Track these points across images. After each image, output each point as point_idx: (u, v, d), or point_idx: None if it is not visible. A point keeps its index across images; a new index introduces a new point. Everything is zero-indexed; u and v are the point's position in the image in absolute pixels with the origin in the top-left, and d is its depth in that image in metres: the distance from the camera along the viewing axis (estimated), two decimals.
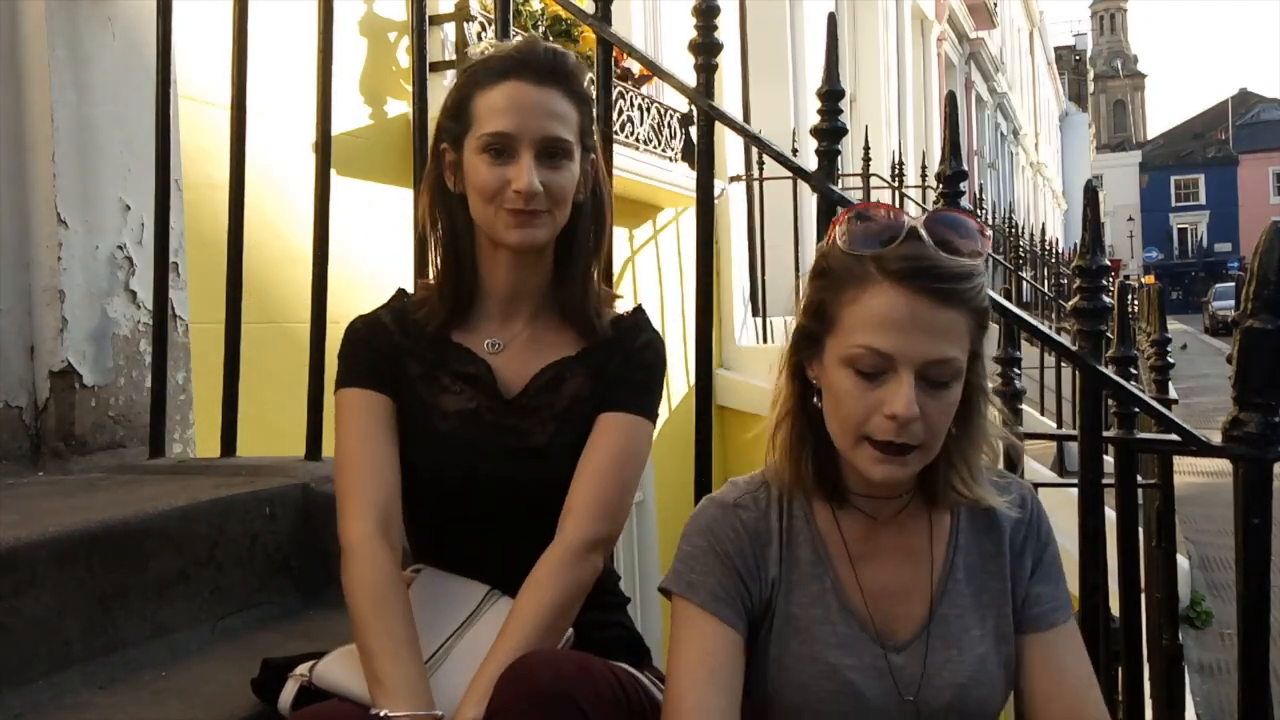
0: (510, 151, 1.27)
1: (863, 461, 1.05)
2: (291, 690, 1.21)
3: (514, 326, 1.36)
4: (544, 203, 1.28)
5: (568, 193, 1.31)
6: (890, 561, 1.13)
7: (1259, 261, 1.30)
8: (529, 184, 1.25)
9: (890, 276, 1.02)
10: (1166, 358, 2.37)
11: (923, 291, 1.01)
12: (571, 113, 1.31)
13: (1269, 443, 1.31)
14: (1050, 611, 1.14)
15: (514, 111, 1.27)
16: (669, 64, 1.99)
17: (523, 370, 1.34)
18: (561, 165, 1.29)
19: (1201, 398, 11.08)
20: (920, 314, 1.01)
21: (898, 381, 1.01)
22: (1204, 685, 4.15)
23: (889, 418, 1.01)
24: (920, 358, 1.01)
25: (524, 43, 1.32)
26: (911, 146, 10.43)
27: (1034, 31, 26.54)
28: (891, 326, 1.01)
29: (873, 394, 1.02)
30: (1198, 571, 5.73)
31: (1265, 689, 1.35)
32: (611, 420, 1.31)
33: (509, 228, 1.28)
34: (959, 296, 1.02)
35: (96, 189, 1.99)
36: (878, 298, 1.02)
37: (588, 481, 1.27)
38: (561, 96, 1.30)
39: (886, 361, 1.02)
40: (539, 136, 1.27)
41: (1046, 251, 9.31)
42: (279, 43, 2.52)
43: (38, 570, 1.34)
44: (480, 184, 1.28)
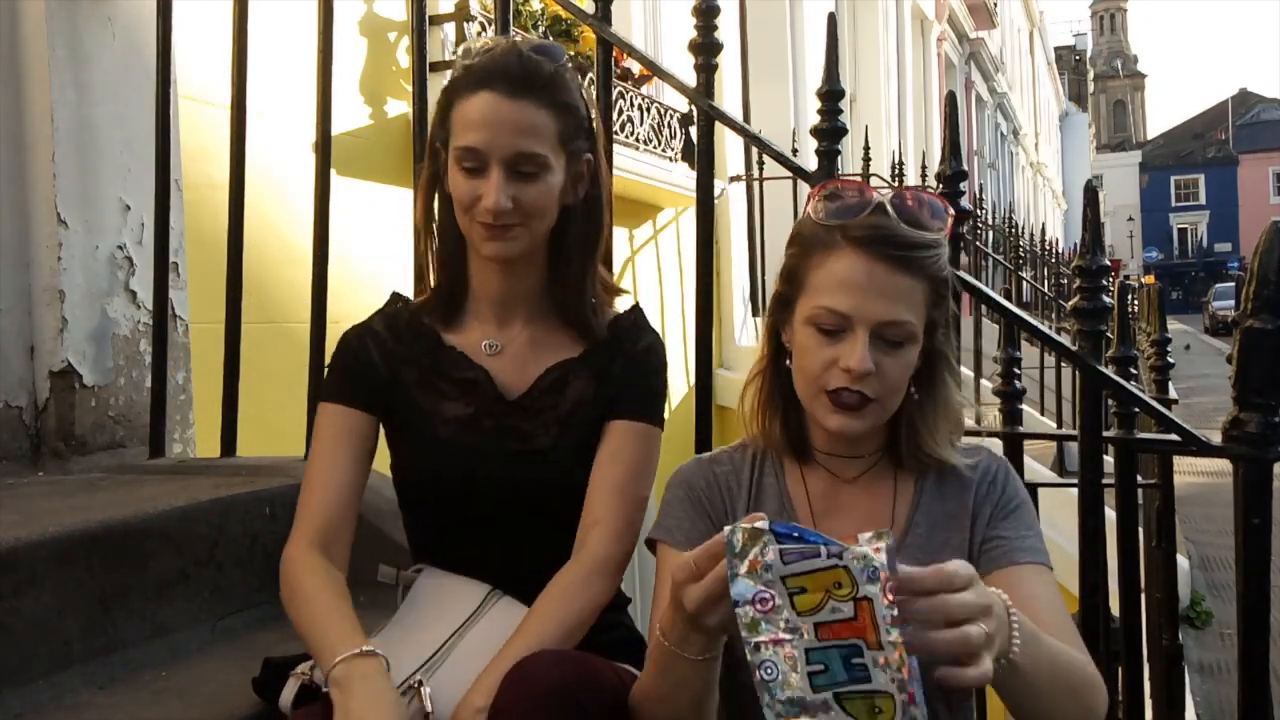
0: (482, 168, 1.26)
1: (820, 413, 1.14)
2: (293, 689, 1.21)
3: (512, 328, 1.36)
4: (515, 217, 1.26)
5: (542, 206, 1.29)
6: (851, 519, 1.18)
7: (1259, 261, 1.30)
8: (495, 202, 1.25)
9: (853, 243, 1.10)
10: (1166, 358, 2.37)
11: (881, 257, 1.09)
12: (548, 123, 1.27)
13: (1269, 443, 1.31)
14: (1012, 550, 1.15)
15: (484, 127, 1.25)
16: (669, 64, 1.99)
17: (524, 372, 1.34)
18: (534, 179, 1.27)
19: (1201, 398, 11.08)
20: (877, 278, 1.09)
21: (853, 339, 1.10)
22: (1204, 685, 4.15)
23: (844, 370, 1.10)
24: (875, 318, 1.09)
25: (500, 50, 1.29)
26: (911, 146, 10.43)
27: (1034, 31, 26.54)
28: (850, 288, 1.10)
29: (831, 350, 1.11)
30: (1198, 571, 5.73)
31: (1265, 689, 1.35)
32: (626, 430, 1.32)
33: (482, 240, 1.28)
34: (916, 264, 1.10)
35: (96, 189, 1.99)
36: (840, 262, 1.11)
37: (611, 497, 1.28)
38: (536, 107, 1.27)
39: (844, 320, 1.10)
40: (508, 154, 1.25)
41: (1046, 251, 9.31)
42: (279, 43, 2.52)
43: (38, 570, 1.34)
44: (457, 195, 1.29)
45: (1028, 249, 9.18)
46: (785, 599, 0.81)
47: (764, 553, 0.82)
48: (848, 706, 0.80)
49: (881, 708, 0.79)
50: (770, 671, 0.80)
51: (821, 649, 0.80)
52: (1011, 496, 1.20)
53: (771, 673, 0.80)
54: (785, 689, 0.80)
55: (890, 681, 0.79)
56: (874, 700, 0.80)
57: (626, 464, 1.30)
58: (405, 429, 1.34)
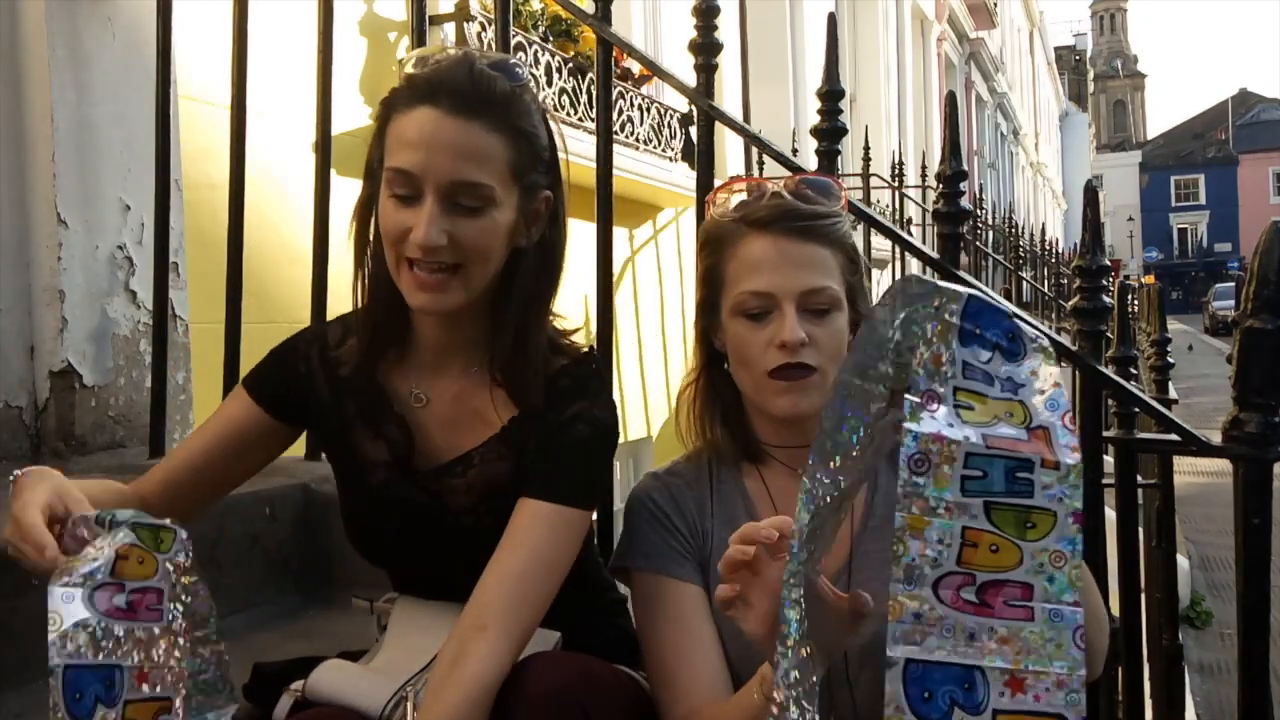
0: (414, 195, 1.08)
1: (769, 399, 1.15)
2: (286, 704, 1.20)
3: (444, 379, 1.21)
4: (449, 256, 1.08)
5: (482, 247, 1.10)
6: None
7: (1259, 261, 1.30)
8: (425, 236, 1.06)
9: (757, 227, 1.15)
10: (1166, 358, 2.37)
11: (786, 231, 1.14)
12: (498, 149, 1.09)
13: (1269, 443, 1.31)
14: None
15: (421, 147, 1.07)
16: (669, 64, 1.99)
17: (446, 434, 1.21)
18: (476, 214, 1.09)
19: (1201, 398, 11.08)
20: (788, 251, 1.13)
21: (781, 314, 1.12)
22: (1204, 685, 4.16)
23: (780, 347, 1.12)
24: (796, 288, 1.12)
25: (450, 62, 1.11)
26: (911, 146, 10.43)
27: (1034, 31, 26.54)
28: (765, 267, 1.13)
29: (764, 332, 1.13)
30: (1198, 571, 5.74)
31: (1265, 689, 1.35)
32: (534, 512, 1.12)
33: (411, 289, 1.11)
34: (820, 232, 1.15)
35: (96, 189, 1.99)
36: (750, 247, 1.15)
37: (508, 589, 1.08)
38: (485, 130, 1.08)
39: (769, 300, 1.13)
40: (446, 181, 1.07)
41: (1046, 251, 9.31)
42: (279, 43, 2.52)
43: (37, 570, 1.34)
44: (385, 227, 1.11)
45: (1027, 249, 9.18)
46: (952, 406, 0.78)
47: (949, 352, 0.79)
48: (994, 517, 0.76)
49: (1035, 523, 0.76)
50: (920, 465, 0.77)
51: (986, 456, 0.77)
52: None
53: (921, 466, 0.77)
54: (932, 487, 0.77)
55: (1056, 500, 0.76)
56: (1029, 514, 0.76)
57: (530, 551, 1.10)
58: (342, 467, 1.28)
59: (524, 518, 1.12)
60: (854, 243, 1.20)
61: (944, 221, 1.71)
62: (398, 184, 1.09)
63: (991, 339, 0.80)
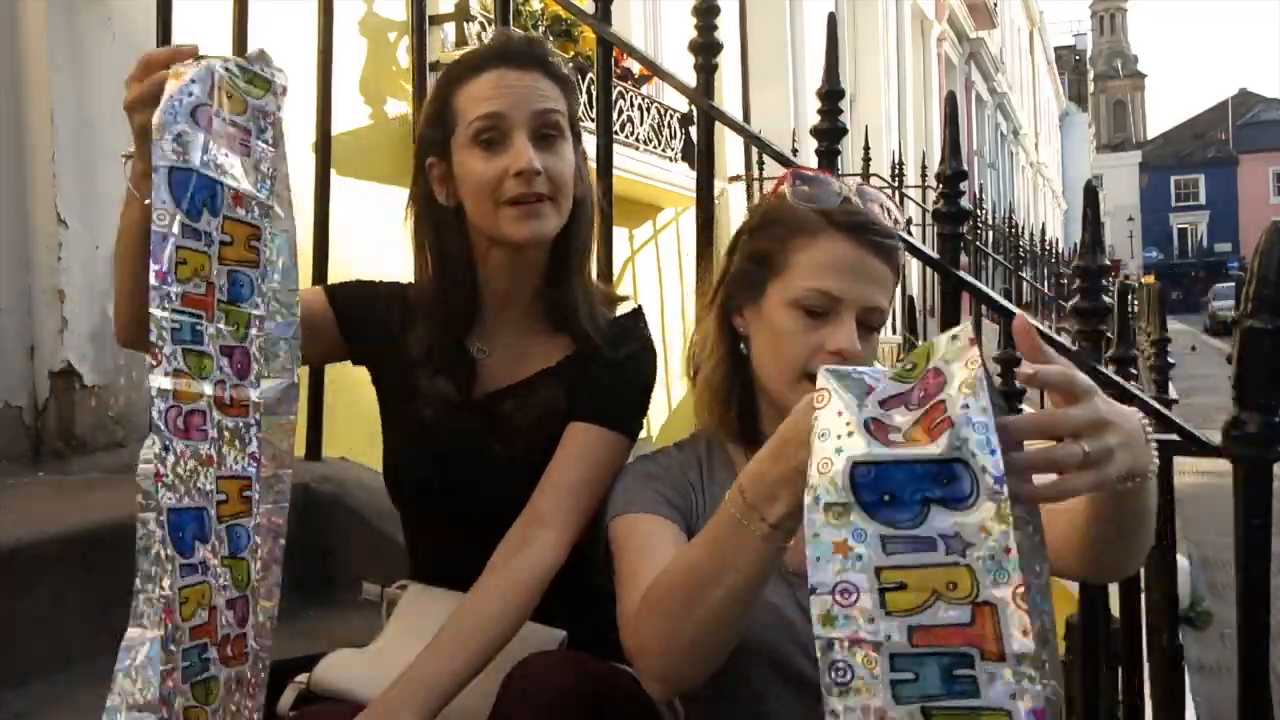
0: (503, 137, 1.20)
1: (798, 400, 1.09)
2: (291, 695, 1.20)
3: (503, 331, 1.31)
4: (545, 186, 1.21)
5: (567, 179, 1.24)
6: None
7: (1259, 261, 1.30)
8: (529, 162, 1.18)
9: (839, 228, 1.13)
10: (1166, 357, 2.37)
11: (866, 244, 1.13)
12: (558, 95, 1.25)
13: (1269, 443, 1.31)
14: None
15: (501, 95, 1.20)
16: (669, 64, 1.99)
17: (502, 377, 1.30)
18: (557, 148, 1.23)
19: (1201, 398, 11.08)
20: (864, 262, 1.12)
21: (840, 321, 1.11)
22: (1204, 685, 4.16)
23: (833, 354, 1.09)
24: (862, 302, 1.12)
25: (498, 35, 1.29)
26: (911, 146, 10.43)
27: (1034, 31, 26.53)
28: (842, 271, 1.12)
29: (816, 333, 1.11)
30: (1198, 571, 5.74)
31: (1265, 689, 1.34)
32: (589, 432, 1.23)
33: (514, 221, 1.20)
34: (889, 251, 1.15)
35: (97, 189, 1.99)
36: (827, 245, 1.12)
37: (565, 497, 1.19)
38: (546, 79, 1.24)
39: (834, 303, 1.11)
40: (530, 112, 1.21)
41: (1046, 251, 9.31)
42: (279, 43, 2.51)
43: (38, 570, 1.34)
44: (476, 179, 1.21)
45: (1028, 249, 9.19)
46: (875, 594, 0.68)
47: (857, 535, 0.69)
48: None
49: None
50: (842, 675, 0.69)
51: (913, 656, 0.68)
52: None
53: (844, 676, 0.69)
54: (857, 696, 0.68)
55: (1009, 698, 0.66)
56: (979, 717, 0.67)
57: (585, 465, 1.21)
58: (395, 403, 1.33)
59: (578, 436, 1.23)
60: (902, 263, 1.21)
61: (944, 221, 1.71)
62: (485, 132, 1.20)
63: (913, 495, 0.69)
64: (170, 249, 0.95)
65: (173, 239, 0.95)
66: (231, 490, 1.01)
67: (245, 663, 1.05)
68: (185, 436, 0.96)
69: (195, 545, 0.96)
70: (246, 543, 1.03)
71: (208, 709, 0.99)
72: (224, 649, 1.01)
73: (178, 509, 0.94)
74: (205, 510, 0.98)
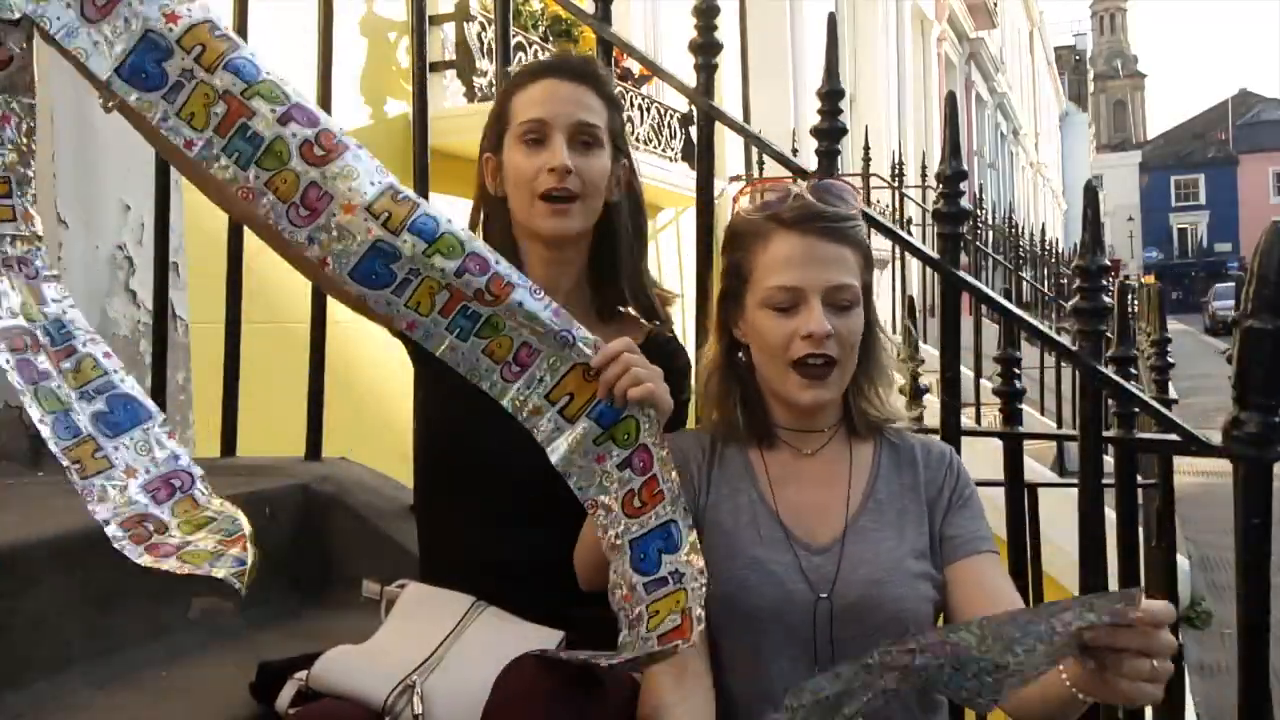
0: (544, 139, 1.36)
1: (792, 389, 1.23)
2: (290, 692, 1.21)
3: None
4: (576, 184, 1.34)
5: (598, 181, 1.38)
6: (810, 485, 1.27)
7: (1259, 261, 1.30)
8: (561, 160, 1.33)
9: (785, 225, 1.23)
10: (1166, 357, 2.37)
11: (813, 232, 1.22)
12: (601, 109, 1.40)
13: (1269, 443, 1.31)
14: (972, 539, 1.25)
15: (548, 101, 1.37)
16: (668, 64, 1.99)
17: None
18: (593, 153, 1.37)
19: (1201, 398, 11.08)
20: (815, 250, 1.21)
21: (808, 308, 1.20)
22: (1204, 685, 4.16)
23: (805, 338, 1.20)
24: (823, 284, 1.20)
25: (559, 51, 1.39)
26: (911, 146, 10.43)
27: (1034, 31, 26.53)
28: (794, 264, 1.21)
29: (790, 323, 1.21)
30: (1198, 571, 5.74)
31: (1265, 689, 1.35)
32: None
33: (544, 216, 1.35)
34: (843, 234, 1.23)
35: (96, 189, 1.99)
36: (779, 244, 1.22)
37: None
38: (593, 94, 1.40)
39: (797, 294, 1.21)
40: (571, 122, 1.36)
41: (1046, 251, 9.30)
42: (279, 42, 2.52)
43: (38, 570, 1.34)
44: (516, 171, 1.37)
45: (1028, 249, 9.18)
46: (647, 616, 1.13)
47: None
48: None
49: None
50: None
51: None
52: (966, 483, 1.30)
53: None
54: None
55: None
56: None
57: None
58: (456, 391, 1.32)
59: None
60: (869, 244, 1.29)
61: (944, 221, 1.71)
62: (529, 132, 1.36)
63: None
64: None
65: None
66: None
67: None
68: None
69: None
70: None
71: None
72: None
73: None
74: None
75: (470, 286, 1.16)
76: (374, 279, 1.15)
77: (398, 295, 1.16)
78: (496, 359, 1.19)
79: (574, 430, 1.18)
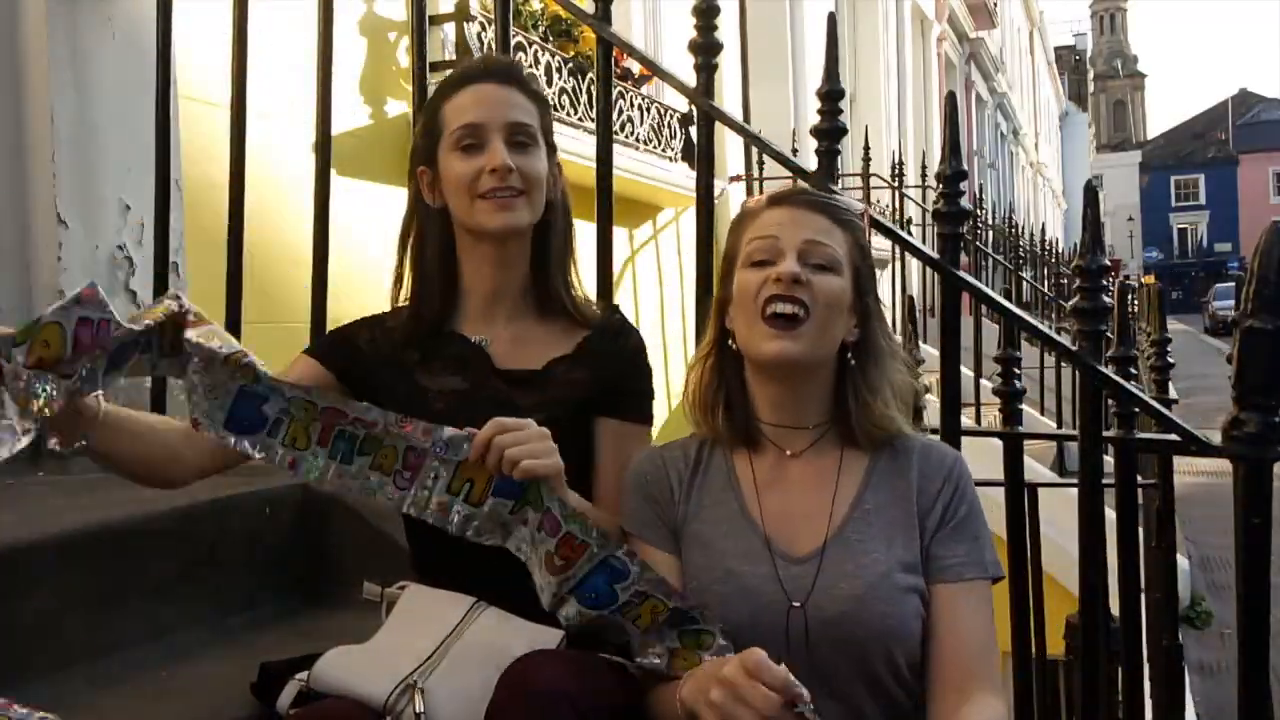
0: (481, 142, 1.35)
1: (759, 340, 1.21)
2: (291, 692, 1.21)
3: (495, 325, 1.40)
4: (518, 182, 1.34)
5: (539, 177, 1.37)
6: (795, 489, 1.25)
7: (1259, 261, 1.30)
8: (502, 160, 1.32)
9: (775, 202, 1.27)
10: (1166, 357, 2.37)
11: (799, 204, 1.26)
12: (532, 109, 1.39)
13: (1269, 442, 1.31)
14: (960, 565, 1.21)
15: (480, 105, 1.36)
16: (669, 64, 2.00)
17: (514, 360, 1.38)
18: (530, 151, 1.37)
19: (1201, 398, 11.08)
20: (797, 216, 1.24)
21: (783, 257, 1.21)
22: (1204, 685, 4.16)
23: (776, 280, 1.19)
24: (799, 239, 1.21)
25: (480, 57, 1.40)
26: (911, 146, 10.43)
27: (1034, 31, 26.52)
28: (774, 224, 1.24)
29: (764, 272, 1.21)
30: (1198, 571, 5.74)
31: (1265, 689, 1.34)
32: (628, 431, 1.40)
33: (489, 212, 1.34)
34: (831, 211, 1.25)
35: (96, 189, 2.00)
36: (765, 215, 1.26)
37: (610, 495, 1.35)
38: (522, 94, 1.39)
39: (773, 247, 1.22)
40: (505, 122, 1.36)
41: (1046, 251, 9.30)
42: (279, 43, 2.52)
43: (38, 570, 1.34)
44: (456, 178, 1.35)
45: (1027, 249, 9.18)
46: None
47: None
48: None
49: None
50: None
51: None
52: (963, 499, 1.24)
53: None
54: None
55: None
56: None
57: (624, 466, 1.35)
58: (402, 407, 1.34)
59: (620, 437, 1.39)
60: (866, 241, 1.29)
61: (944, 221, 1.71)
62: (465, 138, 1.35)
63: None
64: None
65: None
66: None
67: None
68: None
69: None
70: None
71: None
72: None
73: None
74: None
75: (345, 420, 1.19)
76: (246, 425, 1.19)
77: (272, 436, 1.19)
78: (386, 470, 1.20)
79: (483, 511, 1.19)
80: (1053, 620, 2.22)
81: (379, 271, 2.94)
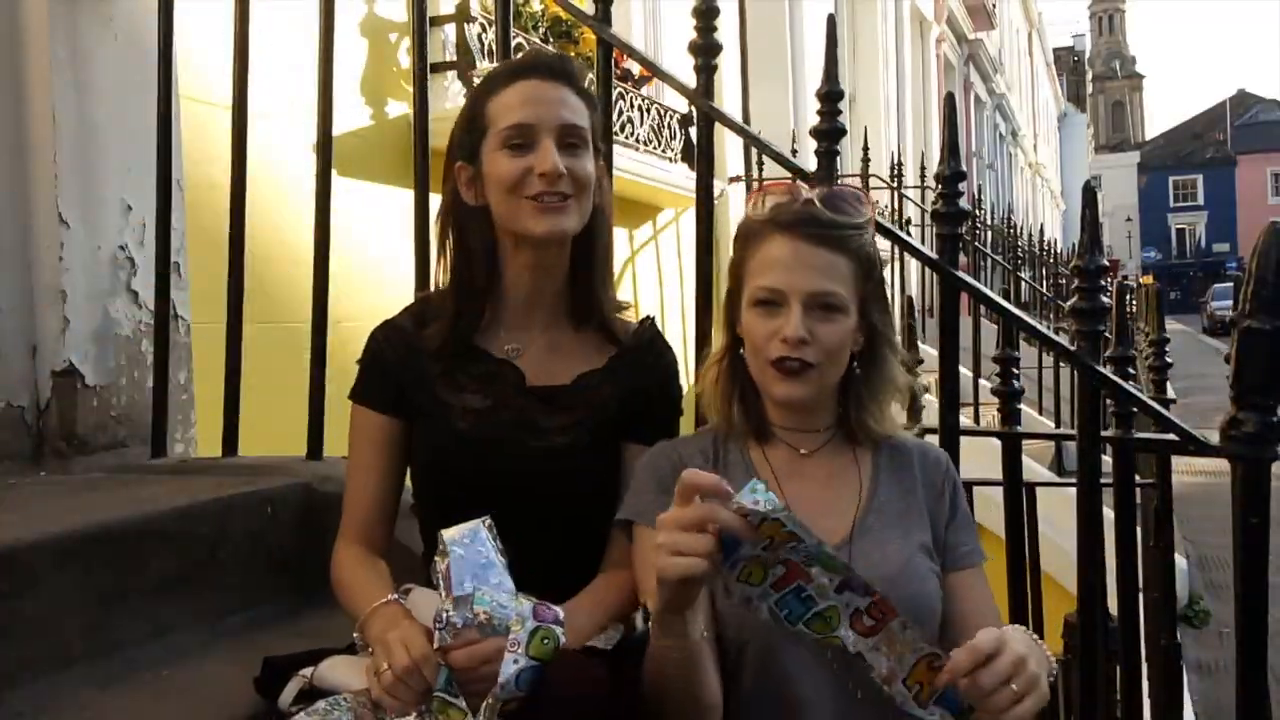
0: (531, 142, 1.29)
1: (769, 384, 1.25)
2: (294, 690, 1.21)
3: (530, 333, 1.37)
4: (568, 186, 1.29)
5: (589, 181, 1.32)
6: (814, 484, 1.28)
7: (1257, 262, 1.30)
8: (554, 164, 1.27)
9: (780, 227, 1.23)
10: (1164, 357, 2.38)
11: (804, 236, 1.22)
12: (583, 108, 1.34)
13: (1267, 442, 1.31)
14: (971, 552, 1.29)
15: (531, 104, 1.29)
16: (669, 65, 2.00)
17: (545, 370, 1.36)
18: (581, 154, 1.31)
19: (1199, 398, 11.08)
20: (803, 255, 1.22)
21: (789, 311, 1.21)
22: (1202, 685, 4.17)
23: (782, 340, 1.21)
24: (804, 290, 1.21)
25: (531, 50, 1.37)
26: (910, 147, 10.43)
27: (1032, 32, 26.53)
28: (780, 266, 1.22)
29: (772, 323, 1.22)
30: (1196, 571, 5.74)
31: (1264, 689, 1.35)
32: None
33: (536, 215, 1.28)
34: (838, 240, 1.23)
35: (98, 189, 2.00)
36: (770, 245, 1.24)
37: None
38: (573, 92, 1.33)
39: (779, 295, 1.22)
40: (558, 124, 1.29)
41: (1045, 252, 9.31)
42: (280, 43, 2.52)
43: (38, 570, 1.34)
44: (502, 176, 1.29)
45: (1026, 249, 9.19)
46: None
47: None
48: (814, 627, 1.06)
49: (830, 617, 1.06)
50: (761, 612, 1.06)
51: (780, 596, 1.05)
52: (959, 492, 1.33)
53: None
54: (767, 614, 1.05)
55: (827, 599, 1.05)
56: (825, 614, 1.05)
57: None
58: (424, 421, 1.35)
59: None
60: (872, 253, 1.28)
61: (943, 222, 1.71)
62: (514, 137, 1.29)
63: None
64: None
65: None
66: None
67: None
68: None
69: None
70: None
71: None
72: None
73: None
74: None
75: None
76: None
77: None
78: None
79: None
80: (1051, 619, 2.22)
81: (379, 271, 2.96)
